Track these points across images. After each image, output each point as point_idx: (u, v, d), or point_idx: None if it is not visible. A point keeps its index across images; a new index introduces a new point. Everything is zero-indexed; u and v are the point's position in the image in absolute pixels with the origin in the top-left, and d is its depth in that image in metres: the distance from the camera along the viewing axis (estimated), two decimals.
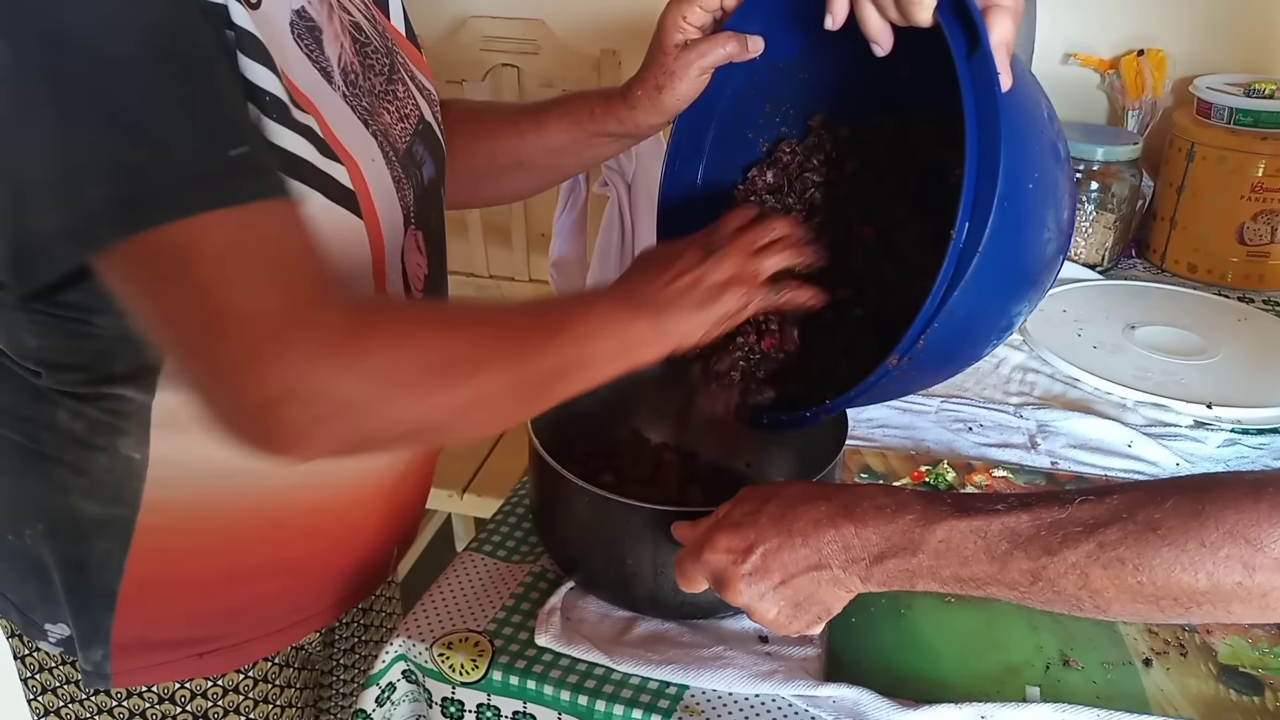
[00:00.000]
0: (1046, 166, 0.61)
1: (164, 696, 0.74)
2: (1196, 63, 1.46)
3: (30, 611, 0.72)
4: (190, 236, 0.49)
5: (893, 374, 0.62)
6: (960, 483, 0.91)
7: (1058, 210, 0.63)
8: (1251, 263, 1.32)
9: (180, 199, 0.49)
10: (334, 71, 0.65)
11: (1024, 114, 0.60)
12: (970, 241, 0.57)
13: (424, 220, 0.74)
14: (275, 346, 0.50)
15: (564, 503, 0.73)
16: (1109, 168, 1.34)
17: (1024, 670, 0.70)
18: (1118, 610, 0.52)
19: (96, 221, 0.49)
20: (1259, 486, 0.49)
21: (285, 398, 0.50)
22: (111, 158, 0.48)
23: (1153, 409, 1.03)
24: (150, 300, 0.51)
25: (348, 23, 0.70)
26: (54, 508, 0.67)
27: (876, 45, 0.64)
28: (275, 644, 0.77)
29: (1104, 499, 0.53)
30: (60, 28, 0.48)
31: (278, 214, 0.53)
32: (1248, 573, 0.48)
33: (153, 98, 0.49)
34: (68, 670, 0.74)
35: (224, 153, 0.51)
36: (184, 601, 0.71)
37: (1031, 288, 0.66)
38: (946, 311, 0.59)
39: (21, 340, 0.63)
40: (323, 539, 0.76)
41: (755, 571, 0.59)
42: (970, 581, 0.55)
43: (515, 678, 0.70)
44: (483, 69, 1.80)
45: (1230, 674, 0.70)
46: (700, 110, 0.79)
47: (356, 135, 0.65)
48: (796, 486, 0.63)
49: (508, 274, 1.86)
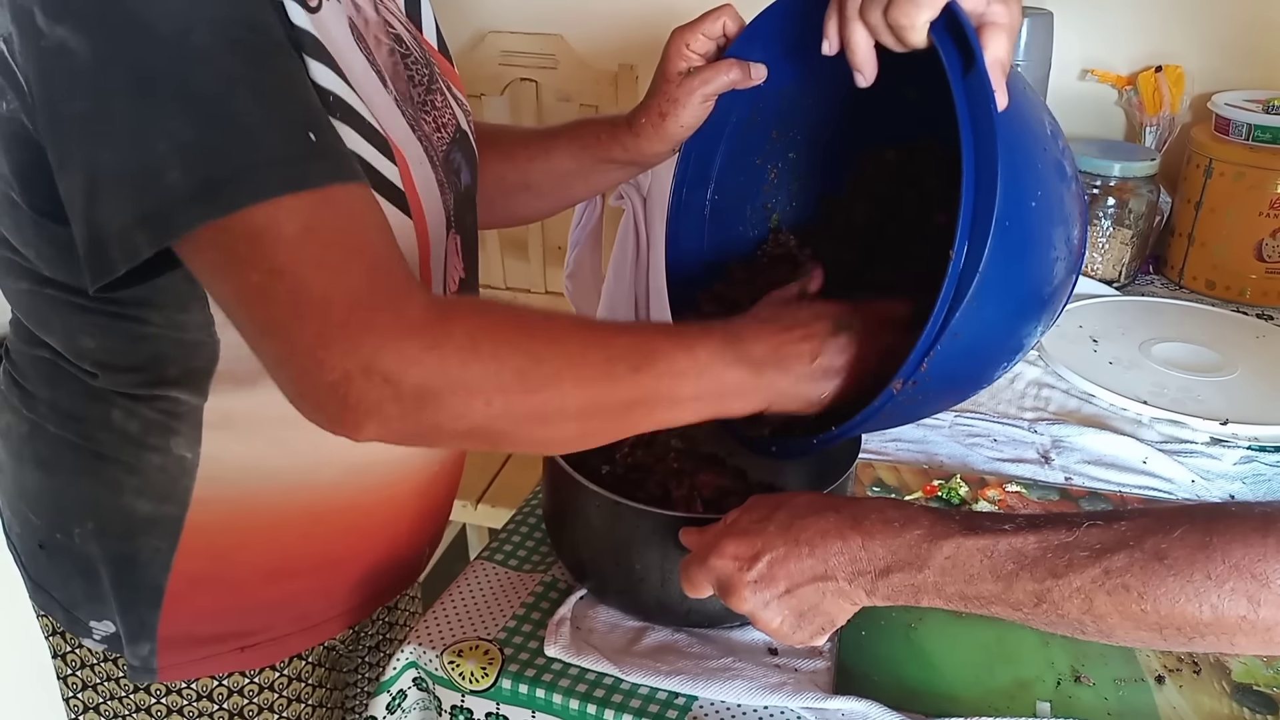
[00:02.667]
0: (1050, 185, 0.61)
1: (201, 694, 0.75)
2: (1214, 79, 1.46)
3: (75, 609, 0.74)
4: (270, 219, 0.50)
5: (898, 399, 0.61)
6: (973, 497, 0.90)
7: (1066, 229, 0.63)
8: (1270, 279, 1.31)
9: (260, 183, 0.50)
10: (386, 76, 0.67)
11: (1024, 132, 0.59)
12: (970, 261, 0.56)
13: (462, 225, 0.76)
14: (356, 325, 0.51)
15: (575, 506, 0.73)
16: (1126, 183, 1.33)
17: (1035, 685, 0.70)
18: (1121, 636, 0.52)
19: (179, 207, 0.50)
20: (1268, 521, 0.49)
21: (361, 375, 0.51)
22: (193, 144, 0.49)
23: (1168, 425, 1.03)
24: (231, 282, 0.52)
25: (390, 34, 0.71)
26: (106, 506, 0.69)
27: (860, 75, 0.63)
28: (313, 638, 0.79)
29: (1112, 525, 0.53)
30: (141, 20, 0.49)
31: (353, 197, 0.54)
32: (1252, 607, 0.48)
33: (231, 86, 0.50)
34: (108, 668, 0.75)
35: (299, 138, 0.52)
36: (228, 597, 0.73)
37: (1041, 309, 0.65)
38: (950, 334, 0.58)
39: (79, 341, 0.65)
40: (360, 535, 0.78)
41: (761, 579, 0.60)
42: (975, 600, 0.55)
43: (524, 686, 0.70)
44: (501, 83, 1.81)
45: (1244, 692, 0.69)
46: (706, 137, 0.79)
47: (405, 137, 0.66)
48: (805, 496, 0.63)
49: (524, 286, 1.87)
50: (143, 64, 0.50)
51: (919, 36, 0.58)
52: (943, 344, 0.58)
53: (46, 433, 0.70)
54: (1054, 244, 0.62)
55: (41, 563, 0.74)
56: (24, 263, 0.64)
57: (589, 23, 1.77)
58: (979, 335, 0.60)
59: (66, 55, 0.50)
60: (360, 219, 0.54)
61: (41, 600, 0.77)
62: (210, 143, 0.50)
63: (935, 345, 0.58)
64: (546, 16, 1.78)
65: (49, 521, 0.72)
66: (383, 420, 0.52)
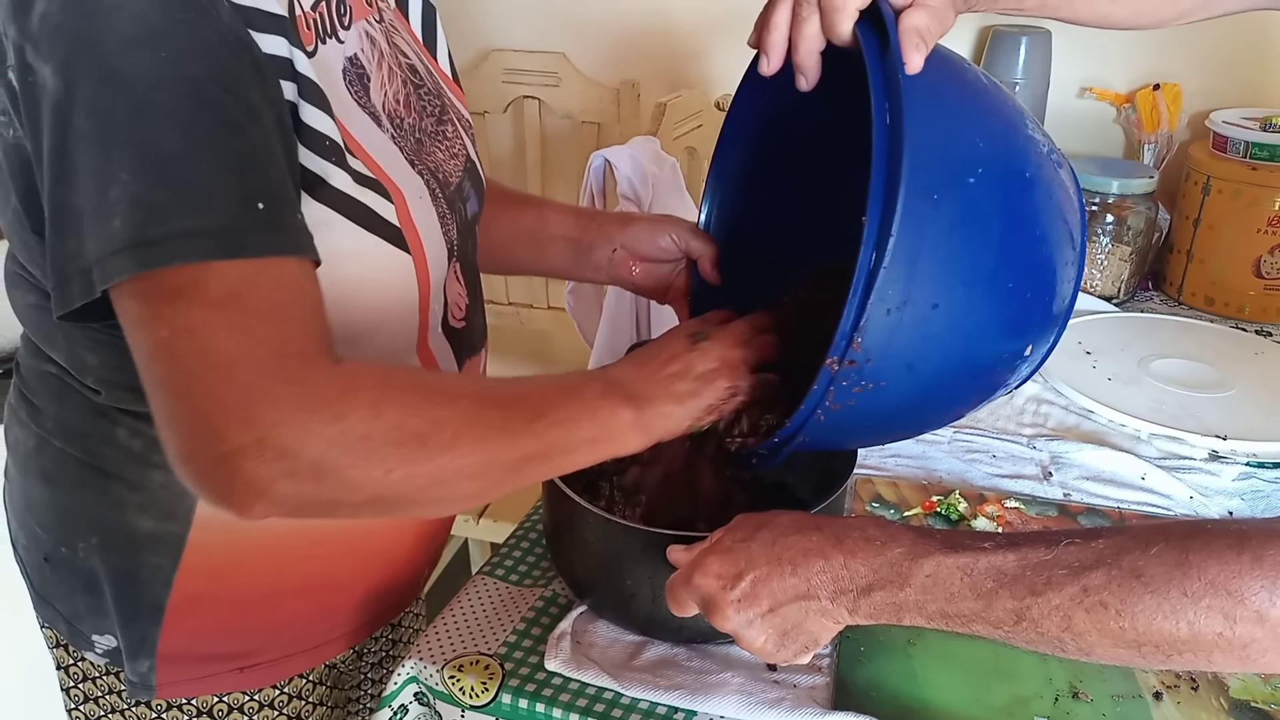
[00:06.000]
0: (996, 165, 0.59)
1: (202, 710, 0.76)
2: (1212, 97, 1.47)
3: (78, 622, 0.75)
4: (195, 280, 0.51)
5: (847, 387, 0.58)
6: (972, 513, 0.91)
7: (1036, 218, 0.61)
8: (1269, 296, 1.32)
9: (194, 244, 0.51)
10: (380, 115, 0.68)
11: (961, 111, 0.59)
12: (885, 225, 0.55)
13: (464, 253, 0.77)
14: (254, 396, 0.51)
15: (569, 523, 0.74)
16: (1125, 200, 1.34)
17: (1032, 702, 0.70)
18: (1100, 654, 0.53)
19: (117, 256, 0.51)
20: (1243, 538, 0.49)
21: (254, 449, 0.50)
22: (138, 197, 0.50)
23: (1167, 441, 1.03)
24: (146, 336, 0.52)
25: (404, 65, 0.73)
26: (109, 522, 0.69)
27: (802, 77, 0.64)
28: (311, 660, 0.79)
29: (1090, 543, 0.53)
30: (116, 70, 0.51)
31: (288, 271, 0.54)
32: (1228, 624, 0.48)
33: (189, 147, 0.51)
34: (111, 681, 0.76)
35: (246, 206, 0.53)
36: (227, 616, 0.73)
37: (1017, 300, 0.61)
38: (879, 303, 0.55)
39: (82, 358, 0.66)
40: (359, 558, 0.78)
41: (744, 598, 0.60)
42: (955, 618, 0.56)
43: (524, 701, 0.70)
44: (504, 101, 1.83)
45: (1242, 709, 0.70)
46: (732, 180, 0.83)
47: (404, 174, 0.68)
48: (789, 516, 0.63)
49: (526, 301, 1.88)
50: (108, 114, 0.51)
51: (846, 27, 0.60)
52: (873, 316, 0.56)
53: (52, 448, 0.71)
54: (1015, 229, 0.60)
55: (46, 576, 0.75)
56: (31, 279, 0.66)
57: (591, 41, 1.78)
58: (930, 316, 0.57)
59: (47, 94, 0.51)
60: (291, 292, 0.54)
61: (46, 613, 0.77)
62: (154, 199, 0.51)
63: (862, 316, 0.56)
64: (549, 35, 1.79)
65: (54, 536, 0.73)
66: (274, 499, 0.52)
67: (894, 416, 0.67)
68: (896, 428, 0.71)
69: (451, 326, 0.76)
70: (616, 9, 1.76)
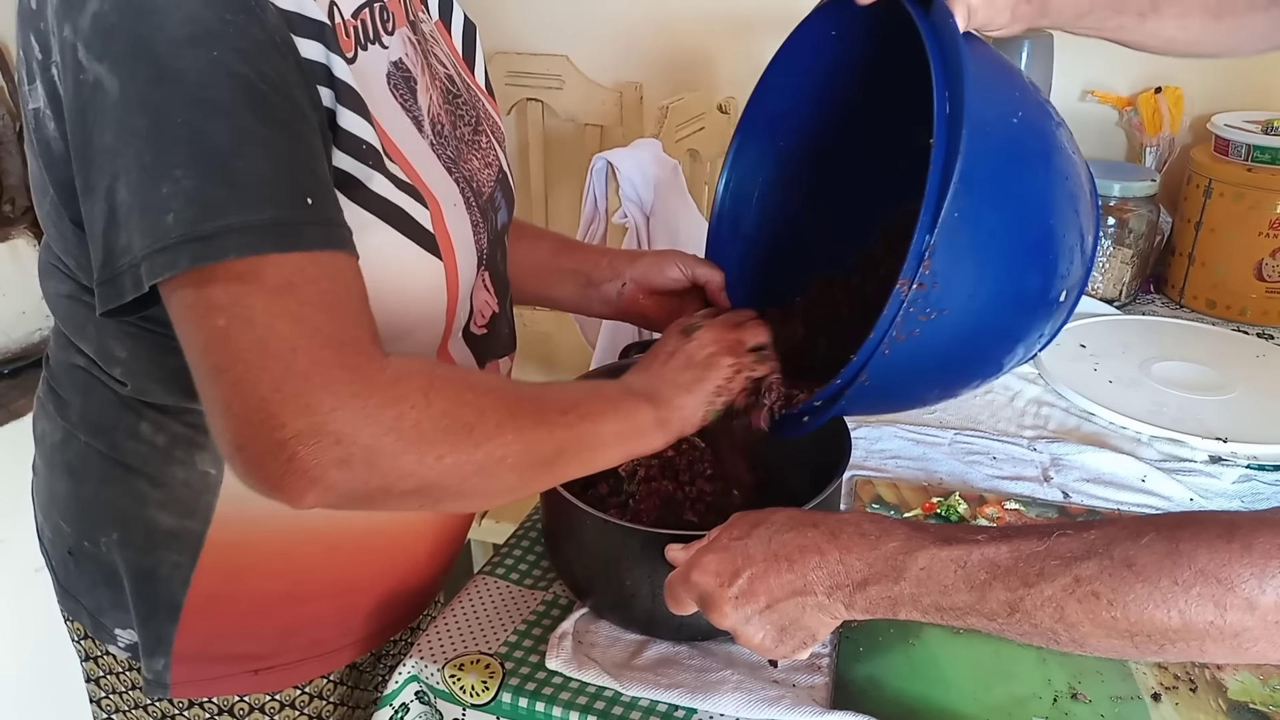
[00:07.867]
0: (1033, 113, 0.66)
1: (223, 708, 0.76)
2: (1214, 100, 1.47)
3: (101, 616, 0.75)
4: (254, 270, 0.52)
5: (892, 352, 0.62)
6: (972, 515, 0.91)
7: (1063, 164, 0.66)
8: (1270, 299, 1.32)
9: (249, 238, 0.51)
10: (424, 120, 0.69)
11: (994, 67, 0.65)
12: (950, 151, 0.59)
13: (493, 262, 0.78)
14: (313, 382, 0.52)
15: (568, 524, 0.75)
16: (1126, 203, 1.34)
17: (1031, 703, 0.70)
18: (1094, 645, 0.53)
19: (170, 250, 0.51)
20: (1232, 527, 0.49)
21: (310, 435, 0.51)
22: (193, 193, 0.51)
23: (1168, 444, 1.03)
24: (201, 327, 0.53)
25: (441, 74, 0.74)
26: (130, 517, 0.70)
27: None
28: (326, 665, 0.80)
29: (1082, 533, 0.53)
30: (169, 68, 0.52)
31: (337, 265, 0.55)
32: (1219, 612, 0.48)
33: (241, 143, 0.52)
34: (134, 676, 0.77)
35: (297, 201, 0.54)
36: (244, 618, 0.74)
37: (1044, 242, 0.65)
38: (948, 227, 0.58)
39: (110, 350, 0.67)
40: (375, 562, 0.78)
41: (741, 595, 0.60)
42: (950, 611, 0.56)
43: (525, 700, 0.71)
44: (508, 104, 1.83)
45: (1240, 711, 0.70)
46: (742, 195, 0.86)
47: (440, 181, 0.68)
48: (785, 513, 0.64)
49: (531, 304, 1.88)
50: (162, 110, 0.51)
51: None
52: (941, 237, 0.59)
53: (78, 441, 0.71)
54: (1051, 169, 0.65)
55: (70, 569, 0.76)
56: (65, 269, 0.67)
57: (595, 44, 1.79)
58: (987, 242, 0.62)
59: (100, 91, 0.52)
60: (341, 284, 0.55)
61: (71, 606, 0.78)
62: (208, 194, 0.51)
63: (933, 231, 0.58)
64: (553, 37, 1.80)
65: (77, 529, 0.73)
66: (327, 486, 0.53)
67: (948, 358, 0.68)
68: (947, 374, 0.72)
69: (472, 333, 0.77)
70: (619, 12, 1.76)
